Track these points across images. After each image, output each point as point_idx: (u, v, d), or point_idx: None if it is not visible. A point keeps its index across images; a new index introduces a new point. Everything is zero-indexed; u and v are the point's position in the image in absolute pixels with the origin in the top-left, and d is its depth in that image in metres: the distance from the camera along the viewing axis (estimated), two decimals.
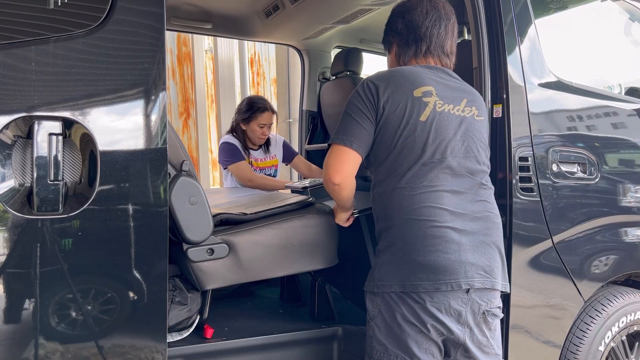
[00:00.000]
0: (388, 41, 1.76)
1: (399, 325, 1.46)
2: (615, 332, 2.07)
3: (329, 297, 2.02)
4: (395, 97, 1.52)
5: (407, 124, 1.50)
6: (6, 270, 1.21)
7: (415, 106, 1.52)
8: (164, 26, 1.33)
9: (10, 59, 1.21)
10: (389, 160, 1.53)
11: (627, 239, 2.12)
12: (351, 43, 3.47)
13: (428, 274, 1.43)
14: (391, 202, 1.52)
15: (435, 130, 1.51)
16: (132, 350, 1.33)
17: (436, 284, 1.43)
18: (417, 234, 1.47)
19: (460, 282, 1.44)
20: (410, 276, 1.45)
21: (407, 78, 1.56)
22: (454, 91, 1.59)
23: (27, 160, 1.23)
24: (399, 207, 1.50)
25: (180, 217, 1.64)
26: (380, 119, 1.52)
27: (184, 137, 6.97)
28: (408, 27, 1.66)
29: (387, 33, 1.75)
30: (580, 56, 2.52)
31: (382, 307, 1.49)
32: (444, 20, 1.66)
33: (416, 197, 1.49)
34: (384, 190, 1.54)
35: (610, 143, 2.13)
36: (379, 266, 1.52)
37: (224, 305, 2.22)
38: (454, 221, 1.48)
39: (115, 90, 1.30)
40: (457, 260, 1.44)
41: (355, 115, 1.55)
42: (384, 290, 1.48)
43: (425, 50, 1.65)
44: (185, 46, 6.95)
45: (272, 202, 2.09)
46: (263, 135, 3.20)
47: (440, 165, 1.50)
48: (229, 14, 3.04)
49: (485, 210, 1.54)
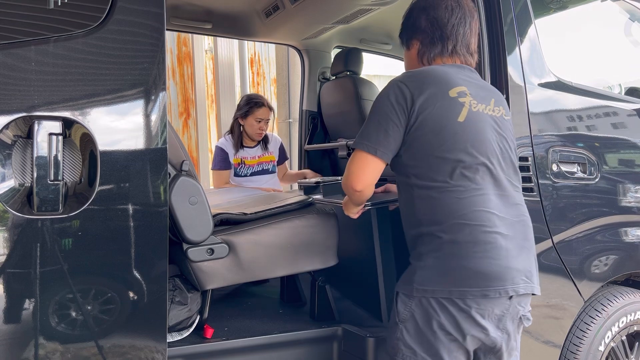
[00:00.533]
0: (408, 38, 1.67)
1: (434, 332, 1.42)
2: (615, 332, 2.07)
3: (329, 297, 2.02)
4: (431, 99, 1.46)
5: (446, 126, 1.45)
6: (6, 270, 1.21)
7: (451, 107, 1.46)
8: (164, 26, 1.33)
9: (10, 59, 1.21)
10: (430, 163, 1.46)
11: (627, 239, 2.12)
12: (351, 43, 3.47)
13: (477, 281, 1.39)
14: (439, 206, 1.45)
15: (474, 131, 1.47)
16: (132, 350, 1.33)
17: (485, 290, 1.39)
18: (467, 239, 1.41)
19: (507, 289, 1.40)
20: (457, 282, 1.40)
21: (441, 78, 1.50)
22: (483, 91, 1.55)
23: (27, 160, 1.23)
24: (448, 211, 1.44)
25: (180, 217, 1.64)
26: (415, 122, 1.46)
27: (184, 137, 6.96)
28: (433, 25, 1.59)
29: (409, 30, 1.66)
30: (581, 56, 2.52)
31: (416, 312, 1.44)
32: (469, 18, 1.60)
33: (465, 201, 1.43)
34: (429, 194, 1.46)
35: (610, 143, 2.13)
36: (420, 270, 1.45)
37: (224, 305, 2.22)
38: (500, 226, 1.44)
39: (115, 90, 1.30)
40: (505, 266, 1.41)
41: (382, 120, 1.48)
42: (423, 295, 1.42)
43: (452, 49, 1.59)
44: (185, 46, 6.95)
45: (272, 202, 2.09)
46: (260, 130, 3.27)
47: (482, 167, 1.46)
48: (229, 14, 3.04)
49: (521, 214, 1.51)
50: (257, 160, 3.34)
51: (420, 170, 1.48)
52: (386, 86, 1.53)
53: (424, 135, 1.46)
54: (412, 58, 1.66)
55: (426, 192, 1.47)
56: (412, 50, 1.65)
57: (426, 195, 1.47)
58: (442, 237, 1.43)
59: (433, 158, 1.45)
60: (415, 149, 1.48)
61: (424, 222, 1.48)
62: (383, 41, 3.51)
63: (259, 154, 3.35)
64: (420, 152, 1.47)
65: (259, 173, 3.34)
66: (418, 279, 1.44)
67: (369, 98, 3.13)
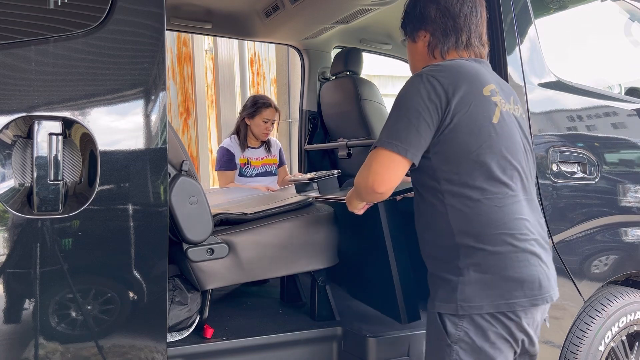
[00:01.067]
0: (414, 29, 1.55)
1: (493, 343, 1.36)
2: (615, 332, 2.07)
3: (329, 297, 2.02)
4: (466, 98, 1.35)
5: (482, 128, 1.36)
6: (6, 270, 1.21)
7: (486, 107, 1.37)
8: (164, 26, 1.33)
9: (10, 59, 1.21)
10: (465, 168, 1.36)
11: (627, 239, 2.12)
12: (351, 43, 3.47)
13: (525, 290, 1.35)
14: (478, 215, 1.36)
15: (507, 133, 1.39)
16: (132, 350, 1.33)
17: (533, 299, 1.35)
18: (510, 249, 1.35)
19: (551, 295, 1.39)
20: (505, 294, 1.34)
21: (473, 74, 1.40)
22: (505, 88, 1.48)
23: (27, 160, 1.23)
24: (488, 220, 1.35)
25: (180, 217, 1.64)
26: (449, 123, 1.35)
27: (184, 137, 6.97)
28: (445, 15, 1.48)
29: (416, 20, 1.54)
30: (581, 56, 2.52)
31: (469, 330, 1.36)
32: (479, 6, 1.51)
33: (505, 209, 1.36)
34: (464, 202, 1.37)
35: (610, 143, 2.13)
36: (464, 286, 1.35)
37: (224, 305, 2.22)
38: (534, 232, 1.39)
39: (115, 90, 1.30)
40: (544, 273, 1.38)
41: (413, 118, 1.35)
42: (473, 312, 1.35)
43: (466, 41, 1.49)
44: (185, 46, 6.95)
45: (272, 202, 2.09)
46: (267, 130, 3.33)
47: (516, 172, 1.39)
48: (229, 14, 3.04)
49: (540, 217, 1.47)
50: (261, 161, 3.39)
51: (454, 175, 1.37)
52: (413, 80, 1.40)
53: (459, 137, 1.35)
54: (420, 51, 1.55)
55: (461, 199, 1.37)
56: (420, 42, 1.54)
57: (461, 203, 1.37)
58: (484, 248, 1.35)
59: (469, 163, 1.36)
60: (448, 152, 1.37)
61: (460, 233, 1.38)
62: (383, 41, 3.51)
63: (263, 156, 3.40)
64: (455, 156, 1.37)
65: (263, 174, 3.38)
66: (461, 296, 1.35)
67: (369, 98, 3.13)
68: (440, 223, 1.41)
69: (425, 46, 1.53)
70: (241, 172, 3.33)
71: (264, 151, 3.41)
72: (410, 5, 1.56)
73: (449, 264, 1.39)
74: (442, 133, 1.36)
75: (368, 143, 3.00)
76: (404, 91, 1.40)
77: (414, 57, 1.59)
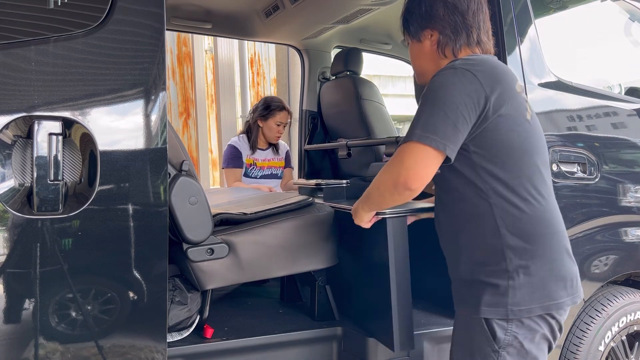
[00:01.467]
0: (420, 28, 1.50)
1: (538, 344, 1.36)
2: (615, 332, 2.07)
3: (329, 297, 2.02)
4: (504, 94, 1.33)
5: (521, 126, 1.34)
6: (6, 270, 1.21)
7: (520, 103, 1.36)
8: (164, 26, 1.33)
9: (10, 59, 1.21)
10: (509, 169, 1.34)
11: (627, 239, 2.12)
12: (351, 43, 3.48)
13: (567, 289, 1.35)
14: (526, 217, 1.33)
15: (537, 130, 1.39)
16: (132, 350, 1.33)
17: (573, 298, 1.37)
18: (557, 248, 1.35)
19: (581, 293, 1.41)
20: (553, 295, 1.33)
21: (505, 71, 1.38)
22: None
23: (27, 160, 1.23)
24: (537, 221, 1.34)
25: (180, 217, 1.64)
26: (490, 119, 1.32)
27: (184, 137, 6.96)
28: (454, 12, 1.44)
29: (421, 19, 1.49)
30: (581, 56, 2.52)
31: (518, 334, 1.34)
32: (484, 2, 1.49)
33: (547, 208, 1.36)
34: (512, 202, 1.33)
35: (610, 143, 2.13)
36: (514, 290, 1.32)
37: (224, 305, 2.22)
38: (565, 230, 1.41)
39: (115, 90, 1.30)
40: (576, 271, 1.40)
41: (450, 112, 1.29)
42: (523, 315, 1.32)
43: (477, 37, 1.45)
44: (185, 46, 6.95)
45: (272, 202, 2.09)
46: (279, 133, 3.31)
47: (547, 170, 1.40)
48: (229, 14, 3.04)
49: None
50: (267, 163, 3.36)
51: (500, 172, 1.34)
52: (446, 73, 1.35)
53: (501, 134, 1.33)
54: (428, 51, 1.50)
55: (509, 198, 1.33)
56: (426, 42, 1.49)
57: (508, 202, 1.33)
58: (535, 249, 1.33)
59: (514, 160, 1.34)
60: (492, 149, 1.34)
61: (508, 233, 1.33)
62: (383, 41, 3.51)
63: (270, 158, 3.38)
64: (499, 153, 1.34)
65: (268, 177, 3.36)
66: (512, 300, 1.32)
67: (369, 98, 3.13)
68: (485, 223, 1.35)
69: (434, 45, 1.48)
70: (246, 172, 3.30)
71: (271, 153, 3.39)
72: (413, 4, 1.51)
73: (494, 267, 1.34)
74: (483, 129, 1.32)
75: (368, 143, 3.01)
76: (438, 84, 1.34)
77: (420, 57, 1.53)
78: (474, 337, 1.38)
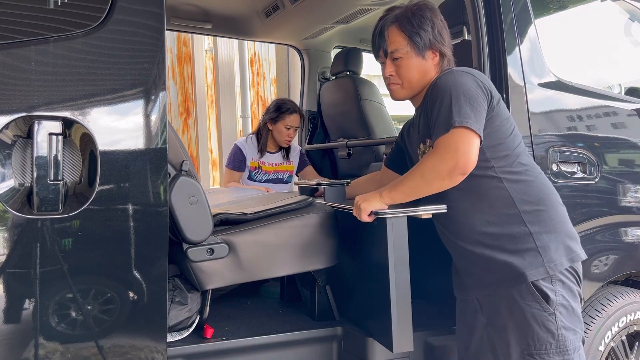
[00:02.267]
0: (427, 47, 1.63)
1: (576, 297, 1.50)
2: (615, 332, 2.07)
3: (329, 297, 2.02)
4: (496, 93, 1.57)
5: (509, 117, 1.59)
6: (6, 270, 1.21)
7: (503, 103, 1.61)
8: (164, 26, 1.33)
9: (10, 59, 1.21)
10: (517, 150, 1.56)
11: (627, 239, 2.12)
12: (351, 43, 3.48)
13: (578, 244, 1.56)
14: (543, 186, 1.56)
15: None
16: (132, 350, 1.33)
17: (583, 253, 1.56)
18: (562, 210, 1.57)
19: None
20: (572, 247, 1.53)
21: None
22: None
23: (27, 160, 1.23)
24: (540, 184, 1.56)
25: (180, 217, 1.64)
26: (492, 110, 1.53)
27: (184, 137, 6.96)
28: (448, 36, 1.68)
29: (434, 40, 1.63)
30: (581, 56, 2.52)
31: (563, 291, 1.48)
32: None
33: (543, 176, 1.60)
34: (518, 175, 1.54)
35: (610, 143, 2.13)
36: (543, 249, 1.48)
37: (224, 305, 2.22)
38: None
39: (115, 90, 1.30)
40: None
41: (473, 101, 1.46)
42: (558, 269, 1.48)
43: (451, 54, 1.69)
44: (185, 46, 6.95)
45: (272, 202, 2.09)
46: (289, 137, 3.17)
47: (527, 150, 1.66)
48: (229, 14, 3.04)
49: None
50: (274, 167, 3.24)
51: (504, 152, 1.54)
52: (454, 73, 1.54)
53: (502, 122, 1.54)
54: (427, 68, 1.64)
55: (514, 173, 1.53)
56: (429, 60, 1.64)
57: (516, 175, 1.53)
58: (547, 211, 1.52)
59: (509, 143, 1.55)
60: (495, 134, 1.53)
61: (520, 201, 1.51)
62: None
63: (278, 162, 3.26)
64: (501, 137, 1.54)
65: (273, 181, 3.24)
66: (546, 257, 1.47)
67: (369, 98, 3.13)
68: (499, 198, 1.52)
69: (435, 64, 1.65)
70: (250, 175, 3.20)
71: (280, 157, 3.25)
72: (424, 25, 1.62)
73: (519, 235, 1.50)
74: (489, 119, 1.51)
75: (368, 143, 3.01)
76: (452, 81, 1.50)
77: (418, 71, 1.65)
78: (524, 310, 1.47)
